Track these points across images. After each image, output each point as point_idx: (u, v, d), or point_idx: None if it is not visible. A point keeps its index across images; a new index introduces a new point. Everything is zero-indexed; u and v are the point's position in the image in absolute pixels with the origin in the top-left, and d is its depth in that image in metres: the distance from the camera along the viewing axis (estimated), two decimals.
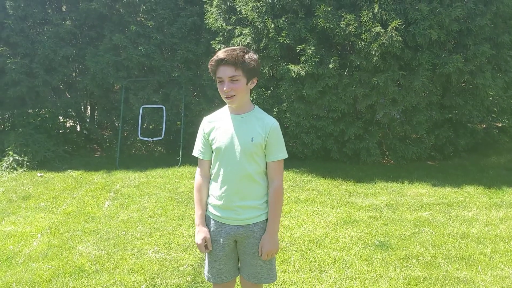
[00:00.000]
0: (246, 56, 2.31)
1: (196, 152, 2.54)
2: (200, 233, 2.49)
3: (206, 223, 2.54)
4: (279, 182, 2.45)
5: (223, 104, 2.48)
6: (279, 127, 2.45)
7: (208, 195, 2.55)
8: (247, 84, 2.36)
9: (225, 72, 2.29)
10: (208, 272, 2.60)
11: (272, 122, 2.42)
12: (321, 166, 7.49)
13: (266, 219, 2.51)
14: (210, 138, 2.46)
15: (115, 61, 8.46)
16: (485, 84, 7.08)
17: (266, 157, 2.44)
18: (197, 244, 2.50)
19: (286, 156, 2.47)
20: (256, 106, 2.49)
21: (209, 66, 2.35)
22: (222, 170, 2.43)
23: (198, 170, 2.57)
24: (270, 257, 2.48)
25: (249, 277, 2.55)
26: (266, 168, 2.46)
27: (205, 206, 2.53)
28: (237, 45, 7.37)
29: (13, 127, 9.31)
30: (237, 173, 2.40)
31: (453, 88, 7.50)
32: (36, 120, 8.98)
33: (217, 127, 2.45)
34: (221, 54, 2.29)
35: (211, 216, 2.53)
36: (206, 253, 2.58)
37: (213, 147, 2.45)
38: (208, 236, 2.49)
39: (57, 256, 4.32)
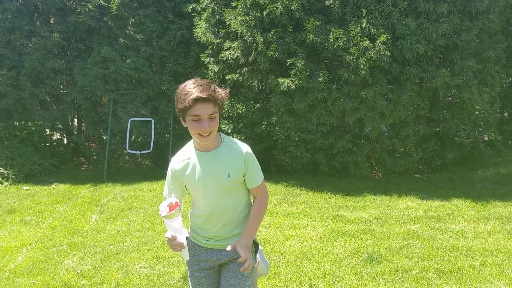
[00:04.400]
0: (219, 90, 2.18)
1: (166, 192, 2.41)
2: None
3: (190, 250, 2.42)
4: (264, 198, 2.39)
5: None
6: (251, 152, 2.35)
7: (191, 226, 2.46)
8: (219, 119, 2.23)
9: (205, 110, 2.12)
10: None
11: (245, 150, 2.30)
12: (310, 179, 7.48)
13: None
14: (182, 179, 2.33)
15: (103, 74, 8.42)
16: (472, 98, 7.18)
17: (246, 184, 2.35)
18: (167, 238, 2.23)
19: (263, 176, 2.39)
20: (221, 134, 2.34)
21: (181, 105, 2.13)
22: (202, 209, 2.33)
23: None
24: (247, 268, 2.16)
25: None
26: (246, 193, 2.40)
27: None
28: (226, 59, 7.42)
29: None
30: (217, 210, 2.29)
31: (440, 102, 7.60)
32: (22, 133, 8.88)
33: (188, 168, 2.31)
34: (197, 92, 2.10)
35: (194, 241, 2.44)
36: (190, 279, 2.47)
37: (190, 188, 2.34)
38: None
39: (42, 271, 4.24)
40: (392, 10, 6.74)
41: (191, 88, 2.12)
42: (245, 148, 2.31)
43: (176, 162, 2.36)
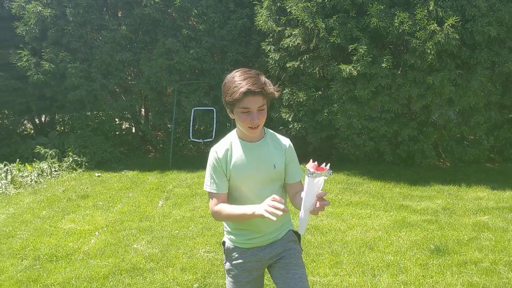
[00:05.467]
0: (268, 82, 2.11)
1: (210, 186, 2.22)
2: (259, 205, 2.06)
3: (228, 255, 2.35)
4: None
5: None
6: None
7: (227, 229, 2.36)
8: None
9: (254, 102, 2.06)
10: None
11: (288, 142, 2.30)
12: (374, 168, 7.34)
13: (291, 229, 2.38)
14: (226, 169, 2.21)
15: (168, 64, 8.67)
16: None
17: (287, 178, 2.29)
18: (266, 211, 1.96)
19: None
20: (264, 128, 2.28)
21: (230, 98, 2.07)
22: (243, 202, 2.20)
23: (213, 204, 2.22)
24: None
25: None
26: (286, 187, 2.31)
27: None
28: (286, 47, 7.38)
29: (72, 129, 9.74)
30: (259, 202, 2.07)
31: None
32: (94, 123, 9.36)
33: (234, 158, 2.22)
34: (248, 85, 2.03)
35: (233, 245, 2.34)
36: (230, 284, 2.37)
37: (233, 179, 2.21)
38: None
39: (113, 254, 4.47)
40: None
41: (240, 80, 2.06)
42: (288, 140, 2.32)
43: (220, 151, 2.24)
